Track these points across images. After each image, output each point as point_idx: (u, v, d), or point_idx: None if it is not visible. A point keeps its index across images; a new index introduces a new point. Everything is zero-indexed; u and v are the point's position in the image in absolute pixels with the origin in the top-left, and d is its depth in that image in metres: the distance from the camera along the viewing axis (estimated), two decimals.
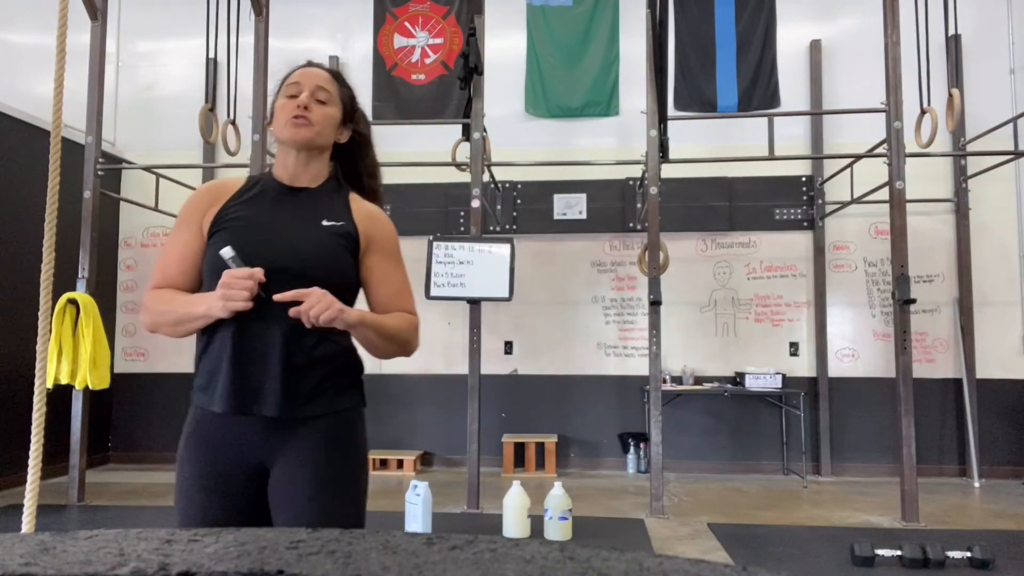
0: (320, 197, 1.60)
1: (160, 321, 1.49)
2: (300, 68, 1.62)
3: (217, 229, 1.51)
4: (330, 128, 1.59)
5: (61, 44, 1.72)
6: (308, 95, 1.56)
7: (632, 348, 6.56)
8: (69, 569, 0.40)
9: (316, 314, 1.37)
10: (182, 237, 1.53)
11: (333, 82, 1.62)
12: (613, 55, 6.64)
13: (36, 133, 5.76)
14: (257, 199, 1.57)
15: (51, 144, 1.72)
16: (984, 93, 6.27)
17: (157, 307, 1.49)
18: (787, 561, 3.79)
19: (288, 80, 1.61)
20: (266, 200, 1.57)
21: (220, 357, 1.45)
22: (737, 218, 6.49)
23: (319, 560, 0.42)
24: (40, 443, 1.67)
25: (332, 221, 1.56)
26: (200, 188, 1.61)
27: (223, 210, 1.54)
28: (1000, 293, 6.26)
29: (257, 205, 1.56)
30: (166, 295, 1.50)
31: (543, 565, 0.41)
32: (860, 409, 6.31)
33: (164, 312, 1.48)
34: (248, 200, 1.57)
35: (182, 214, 1.56)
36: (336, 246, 1.54)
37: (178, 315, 1.46)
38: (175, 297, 1.49)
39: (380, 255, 1.60)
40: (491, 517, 4.56)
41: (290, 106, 1.55)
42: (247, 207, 1.55)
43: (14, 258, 5.56)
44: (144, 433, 6.78)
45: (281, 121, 1.56)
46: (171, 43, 7.10)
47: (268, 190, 1.59)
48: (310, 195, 1.59)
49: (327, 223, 1.55)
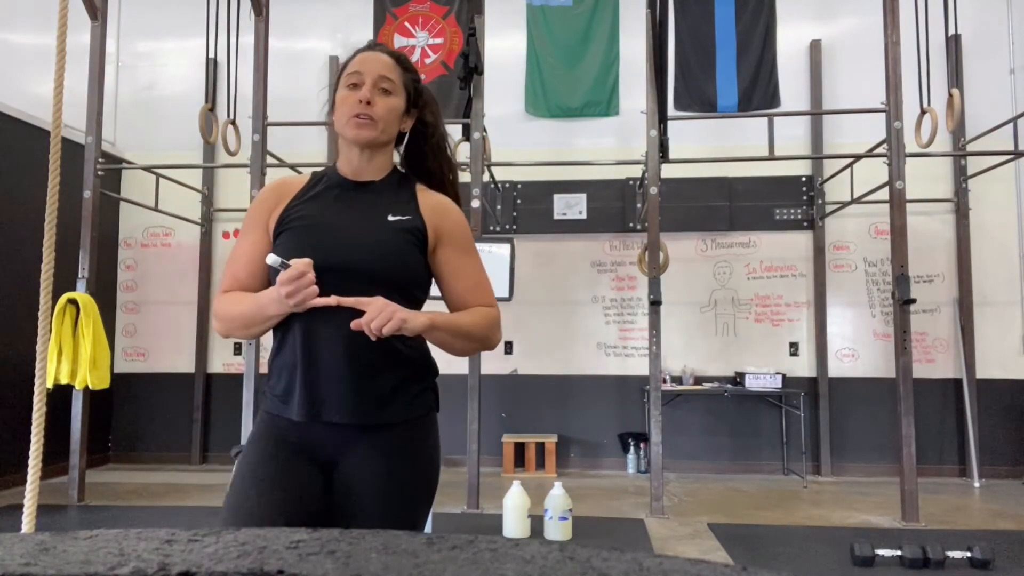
0: (385, 191, 1.54)
1: (232, 326, 1.44)
2: (361, 53, 1.53)
3: (282, 230, 1.47)
4: (394, 121, 1.52)
5: (61, 44, 1.72)
6: (370, 87, 1.48)
7: (632, 348, 6.56)
8: (69, 569, 0.40)
9: (378, 326, 1.30)
10: (249, 239, 1.49)
11: (396, 68, 1.52)
12: (613, 55, 6.64)
13: (36, 133, 5.76)
14: (321, 196, 1.52)
15: (51, 144, 1.72)
16: (984, 93, 6.27)
17: (227, 312, 1.44)
18: (787, 561, 3.79)
19: (348, 68, 1.51)
20: (330, 197, 1.52)
21: (292, 364, 1.42)
22: (737, 218, 6.49)
23: (319, 560, 0.42)
24: (40, 443, 1.67)
25: (398, 216, 1.49)
26: (265, 188, 1.56)
27: (287, 210, 1.49)
28: (1000, 293, 6.26)
29: (321, 203, 1.51)
30: (234, 298, 1.45)
31: (543, 565, 0.41)
32: (860, 409, 6.31)
33: (234, 316, 1.43)
34: (312, 198, 1.51)
35: (249, 216, 1.52)
36: (402, 242, 1.47)
37: (248, 316, 1.42)
38: (243, 299, 1.44)
39: (451, 248, 1.53)
40: (491, 517, 4.56)
41: (351, 100, 1.47)
42: (311, 205, 1.50)
43: (14, 258, 5.56)
44: (144, 433, 6.78)
45: (343, 117, 1.48)
46: (171, 43, 7.10)
47: (332, 186, 1.54)
48: (375, 189, 1.53)
49: (392, 218, 1.49)
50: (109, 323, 6.47)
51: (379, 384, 1.42)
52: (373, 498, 1.41)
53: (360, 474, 1.41)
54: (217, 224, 6.93)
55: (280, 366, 1.45)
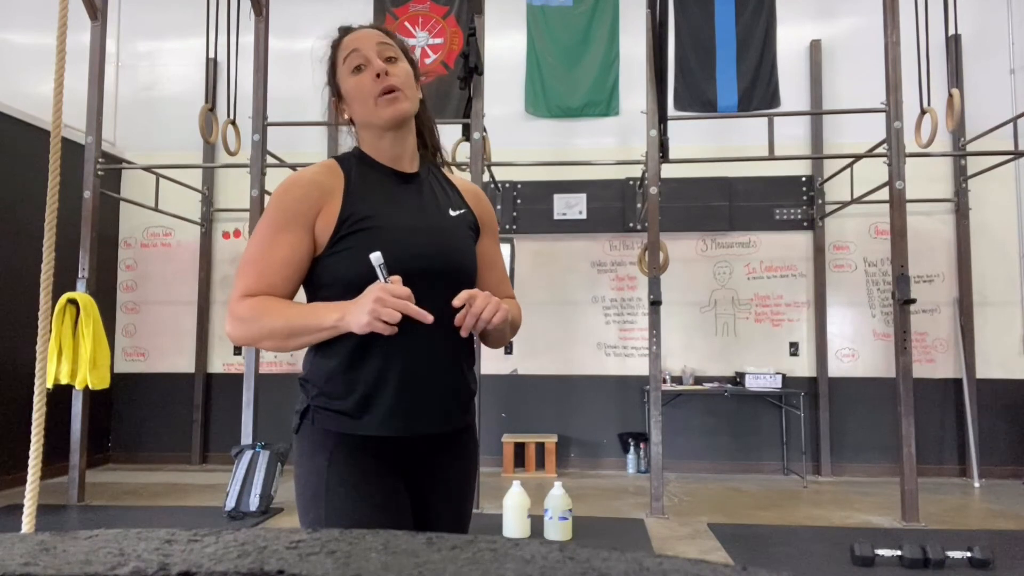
0: (431, 181, 1.44)
1: (263, 334, 1.27)
2: (345, 37, 1.39)
3: (348, 231, 1.31)
4: (415, 88, 1.39)
5: (61, 44, 1.72)
6: (378, 60, 1.34)
7: (632, 348, 6.57)
8: (69, 569, 0.40)
9: (488, 316, 1.23)
10: (287, 239, 1.30)
11: (385, 36, 1.40)
12: (613, 55, 6.64)
13: (36, 133, 5.76)
14: (376, 192, 1.36)
15: (51, 144, 1.72)
16: (984, 93, 6.27)
17: (260, 318, 1.26)
18: (787, 561, 3.79)
19: (341, 53, 1.38)
20: (387, 192, 1.37)
21: (376, 377, 1.29)
22: (737, 218, 6.49)
23: (319, 560, 0.42)
24: (40, 443, 1.67)
25: (457, 210, 1.42)
26: (298, 180, 1.35)
27: (346, 208, 1.32)
28: (1000, 293, 6.26)
29: (381, 199, 1.36)
30: (271, 304, 1.27)
31: (543, 565, 0.41)
32: (860, 409, 6.31)
33: (271, 323, 1.25)
34: (368, 194, 1.36)
35: (284, 212, 1.32)
36: (468, 238, 1.41)
37: (295, 326, 1.25)
38: (288, 306, 1.27)
39: (489, 238, 1.48)
40: (491, 517, 4.56)
41: (368, 81, 1.34)
42: (372, 203, 1.34)
43: (14, 258, 5.56)
44: (144, 433, 6.78)
45: (367, 104, 1.34)
46: (171, 43, 7.10)
47: (383, 179, 1.39)
48: (423, 181, 1.42)
49: (454, 213, 1.41)
50: (109, 323, 6.47)
51: (463, 390, 1.38)
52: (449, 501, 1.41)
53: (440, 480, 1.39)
54: (217, 224, 6.93)
55: (354, 379, 1.30)
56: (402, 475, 1.35)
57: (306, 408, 1.35)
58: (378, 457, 1.31)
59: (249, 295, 1.29)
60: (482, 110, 5.20)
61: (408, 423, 1.31)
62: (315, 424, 1.33)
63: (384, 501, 1.29)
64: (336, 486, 1.28)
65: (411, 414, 1.30)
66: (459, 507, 1.43)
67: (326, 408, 1.32)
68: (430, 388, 1.32)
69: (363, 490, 1.28)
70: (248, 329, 1.27)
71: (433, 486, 1.38)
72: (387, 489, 1.31)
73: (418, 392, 1.30)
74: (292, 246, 1.30)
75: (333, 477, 1.28)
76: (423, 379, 1.31)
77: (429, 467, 1.37)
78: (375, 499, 1.29)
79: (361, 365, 1.29)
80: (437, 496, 1.39)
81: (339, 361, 1.30)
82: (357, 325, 1.19)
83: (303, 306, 1.28)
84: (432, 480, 1.38)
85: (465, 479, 1.44)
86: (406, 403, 1.30)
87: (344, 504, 1.27)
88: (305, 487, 1.31)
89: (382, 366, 1.29)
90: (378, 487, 1.30)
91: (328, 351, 1.31)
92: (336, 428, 1.31)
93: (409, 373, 1.29)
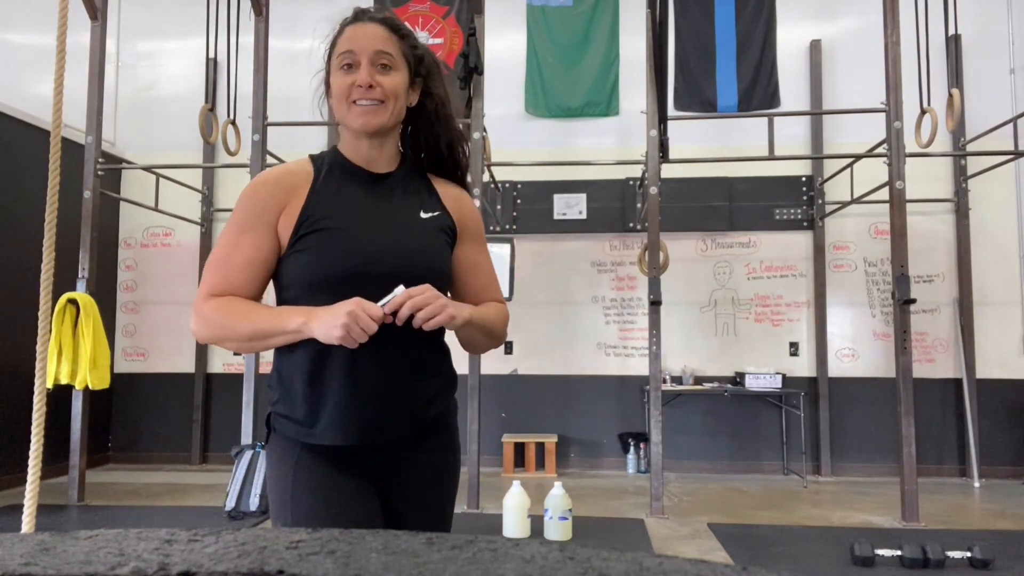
0: (406, 183, 1.40)
1: (226, 335, 1.27)
2: (348, 27, 1.35)
3: (306, 231, 1.29)
4: (402, 99, 1.35)
5: (61, 44, 1.72)
6: (368, 66, 1.30)
7: (632, 348, 6.56)
8: (69, 569, 0.40)
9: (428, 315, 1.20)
10: (251, 240, 1.30)
11: (392, 38, 1.34)
12: (613, 55, 6.64)
13: (36, 133, 5.76)
14: (342, 192, 1.35)
15: (51, 144, 1.72)
16: (984, 93, 6.26)
17: (223, 318, 1.26)
18: (787, 561, 3.79)
19: (338, 47, 1.35)
20: (352, 192, 1.35)
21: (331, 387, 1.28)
22: (737, 218, 6.49)
23: (319, 560, 0.42)
24: (40, 443, 1.67)
25: (429, 212, 1.38)
26: (264, 180, 1.35)
27: (308, 208, 1.31)
28: (1000, 293, 6.26)
29: (345, 199, 1.34)
30: (236, 304, 1.27)
31: (543, 565, 0.41)
32: (860, 409, 6.31)
33: (234, 324, 1.26)
34: (332, 194, 1.34)
35: (246, 212, 1.32)
36: (440, 242, 1.38)
37: (258, 328, 1.25)
38: (252, 308, 1.27)
39: (472, 243, 1.44)
40: (491, 517, 4.56)
41: (348, 84, 1.31)
42: (334, 203, 1.33)
43: (14, 258, 5.56)
44: (144, 433, 6.78)
45: (344, 106, 1.33)
46: (171, 43, 7.10)
47: (348, 178, 1.37)
48: (395, 182, 1.39)
49: (425, 215, 1.37)
50: (109, 323, 6.47)
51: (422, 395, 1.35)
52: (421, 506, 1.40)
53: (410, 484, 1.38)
54: (217, 224, 6.93)
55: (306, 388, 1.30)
56: (372, 480, 1.35)
57: (268, 416, 1.36)
58: (341, 463, 1.31)
59: (214, 295, 1.29)
60: (482, 110, 5.20)
61: (359, 432, 1.29)
62: (277, 432, 1.35)
63: (348, 506, 1.30)
64: (300, 494, 1.30)
65: (360, 423, 1.29)
66: (433, 510, 1.42)
67: (285, 416, 1.32)
68: (381, 396, 1.29)
69: (327, 497, 1.30)
70: (212, 329, 1.28)
71: (402, 491, 1.38)
72: (351, 494, 1.31)
73: (367, 401, 1.29)
74: (256, 246, 1.30)
75: (298, 485, 1.30)
76: (372, 387, 1.29)
77: (396, 471, 1.36)
78: (339, 505, 1.29)
79: (315, 374, 1.29)
80: (408, 500, 1.38)
81: (296, 368, 1.30)
82: (324, 335, 1.18)
83: (268, 309, 1.28)
84: (400, 484, 1.37)
85: (438, 482, 1.42)
86: (354, 412, 1.28)
87: (308, 511, 1.29)
88: (273, 496, 1.34)
89: (332, 375, 1.28)
90: (342, 493, 1.30)
91: (287, 357, 1.31)
92: (295, 436, 1.31)
93: (358, 381, 1.28)
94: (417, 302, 1.19)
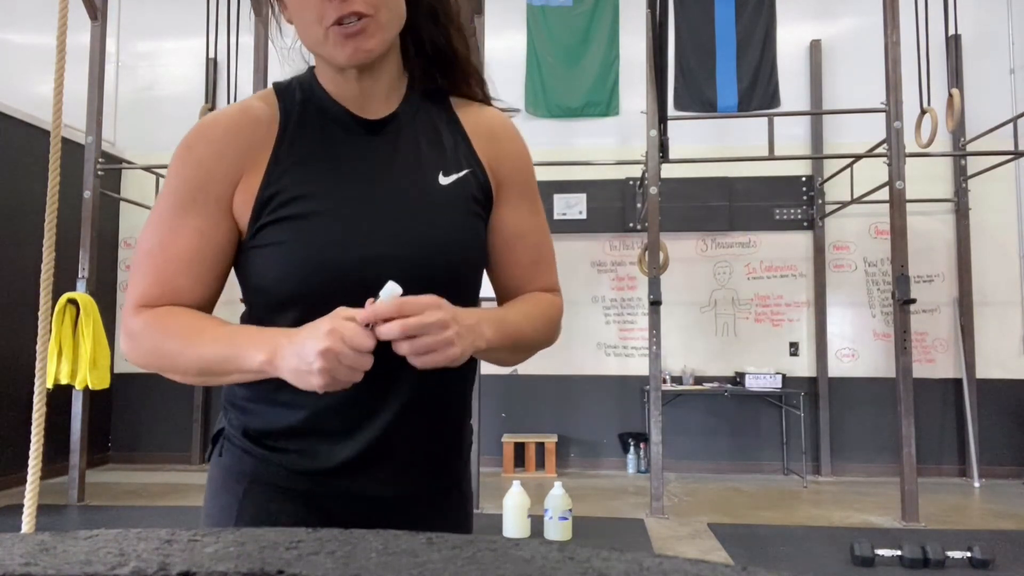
0: (415, 127, 0.96)
1: (165, 365, 0.89)
2: None
3: (270, 220, 0.89)
4: (399, 8, 0.91)
5: (61, 44, 1.72)
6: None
7: (632, 348, 6.56)
8: (69, 569, 0.40)
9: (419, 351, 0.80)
10: (193, 224, 0.89)
11: None
12: (613, 55, 6.64)
13: (36, 133, 5.76)
14: (319, 151, 0.92)
15: (51, 144, 1.72)
16: (984, 93, 6.26)
17: (160, 343, 0.88)
18: (787, 561, 3.79)
19: None
20: (335, 152, 0.93)
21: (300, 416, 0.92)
22: (737, 218, 6.49)
23: (319, 560, 0.42)
24: (40, 443, 1.67)
25: (453, 173, 0.95)
26: (209, 133, 0.94)
27: (270, 183, 0.89)
28: (1000, 293, 6.26)
29: (325, 165, 0.91)
30: (177, 322, 0.88)
31: (543, 565, 0.41)
32: (860, 409, 6.31)
33: (175, 353, 0.87)
34: (306, 159, 0.91)
35: (186, 181, 0.91)
36: (468, 219, 0.95)
37: (206, 362, 0.86)
38: (199, 329, 0.87)
39: (515, 200, 1.01)
40: (491, 517, 4.56)
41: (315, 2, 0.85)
42: (310, 170, 0.91)
43: (14, 258, 5.56)
44: (144, 433, 6.78)
45: (314, 31, 0.88)
46: (171, 43, 7.10)
47: (332, 128, 0.94)
48: (399, 129, 0.96)
49: (446, 180, 0.94)
50: (109, 323, 6.46)
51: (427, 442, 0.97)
52: None
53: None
54: None
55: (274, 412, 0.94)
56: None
57: (219, 432, 1.02)
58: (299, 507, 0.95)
59: (146, 305, 0.90)
60: None
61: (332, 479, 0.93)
62: (223, 456, 1.00)
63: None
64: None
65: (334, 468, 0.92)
66: None
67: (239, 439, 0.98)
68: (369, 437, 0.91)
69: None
70: (146, 357, 0.90)
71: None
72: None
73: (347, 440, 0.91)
74: (201, 233, 0.89)
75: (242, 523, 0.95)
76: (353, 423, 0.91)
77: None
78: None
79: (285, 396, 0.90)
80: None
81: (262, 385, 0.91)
82: (299, 382, 0.80)
83: (220, 332, 0.87)
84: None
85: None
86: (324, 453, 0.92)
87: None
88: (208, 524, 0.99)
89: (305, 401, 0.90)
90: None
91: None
92: (250, 468, 0.96)
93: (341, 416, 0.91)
94: (411, 326, 0.78)
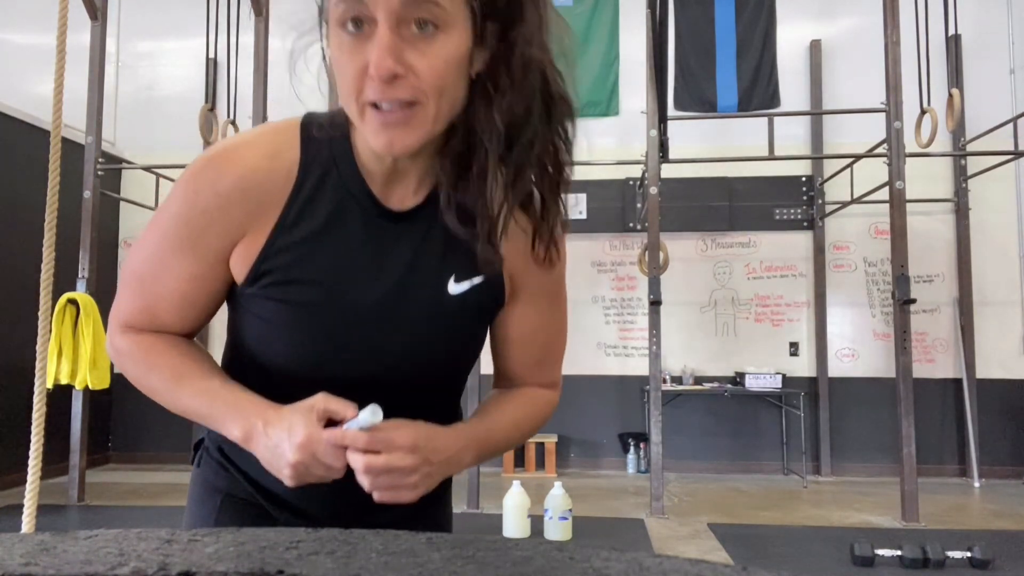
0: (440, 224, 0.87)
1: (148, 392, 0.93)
2: None
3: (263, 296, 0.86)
4: (455, 87, 0.77)
5: (61, 44, 1.72)
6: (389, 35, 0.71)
7: (632, 348, 6.56)
8: (69, 569, 0.40)
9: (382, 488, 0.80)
10: (186, 268, 0.86)
11: None
12: (613, 55, 6.64)
13: (36, 133, 5.76)
14: (333, 227, 0.85)
15: (51, 144, 1.72)
16: (984, 93, 6.26)
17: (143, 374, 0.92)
18: (787, 561, 3.79)
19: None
20: (349, 233, 0.86)
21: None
22: (737, 218, 6.49)
23: (319, 560, 0.42)
24: (40, 443, 1.67)
25: (466, 281, 0.89)
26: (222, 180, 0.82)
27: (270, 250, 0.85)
28: (1000, 293, 6.26)
29: (336, 244, 0.85)
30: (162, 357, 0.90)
31: (543, 565, 0.41)
32: (860, 409, 6.31)
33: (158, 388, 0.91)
34: (313, 236, 0.85)
35: (187, 224, 0.84)
36: (469, 331, 0.95)
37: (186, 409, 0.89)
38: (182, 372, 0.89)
39: (539, 301, 0.97)
40: (491, 517, 4.56)
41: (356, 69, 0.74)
42: (317, 246, 0.85)
43: (14, 258, 5.56)
44: (144, 433, 6.78)
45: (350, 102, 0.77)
46: (171, 43, 7.10)
47: (349, 208, 0.85)
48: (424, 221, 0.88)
49: (457, 289, 0.89)
50: None
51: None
52: None
53: None
54: None
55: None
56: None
57: (200, 441, 1.03)
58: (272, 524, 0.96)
59: (132, 328, 0.91)
60: None
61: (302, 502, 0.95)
62: (201, 467, 1.01)
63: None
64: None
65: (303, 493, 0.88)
66: None
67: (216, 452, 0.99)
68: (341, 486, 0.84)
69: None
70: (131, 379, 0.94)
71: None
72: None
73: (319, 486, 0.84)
74: (194, 278, 0.87)
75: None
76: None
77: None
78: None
79: None
80: None
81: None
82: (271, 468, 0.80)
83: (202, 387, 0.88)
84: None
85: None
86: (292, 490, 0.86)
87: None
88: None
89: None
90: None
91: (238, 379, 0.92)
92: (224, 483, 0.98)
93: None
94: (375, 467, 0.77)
